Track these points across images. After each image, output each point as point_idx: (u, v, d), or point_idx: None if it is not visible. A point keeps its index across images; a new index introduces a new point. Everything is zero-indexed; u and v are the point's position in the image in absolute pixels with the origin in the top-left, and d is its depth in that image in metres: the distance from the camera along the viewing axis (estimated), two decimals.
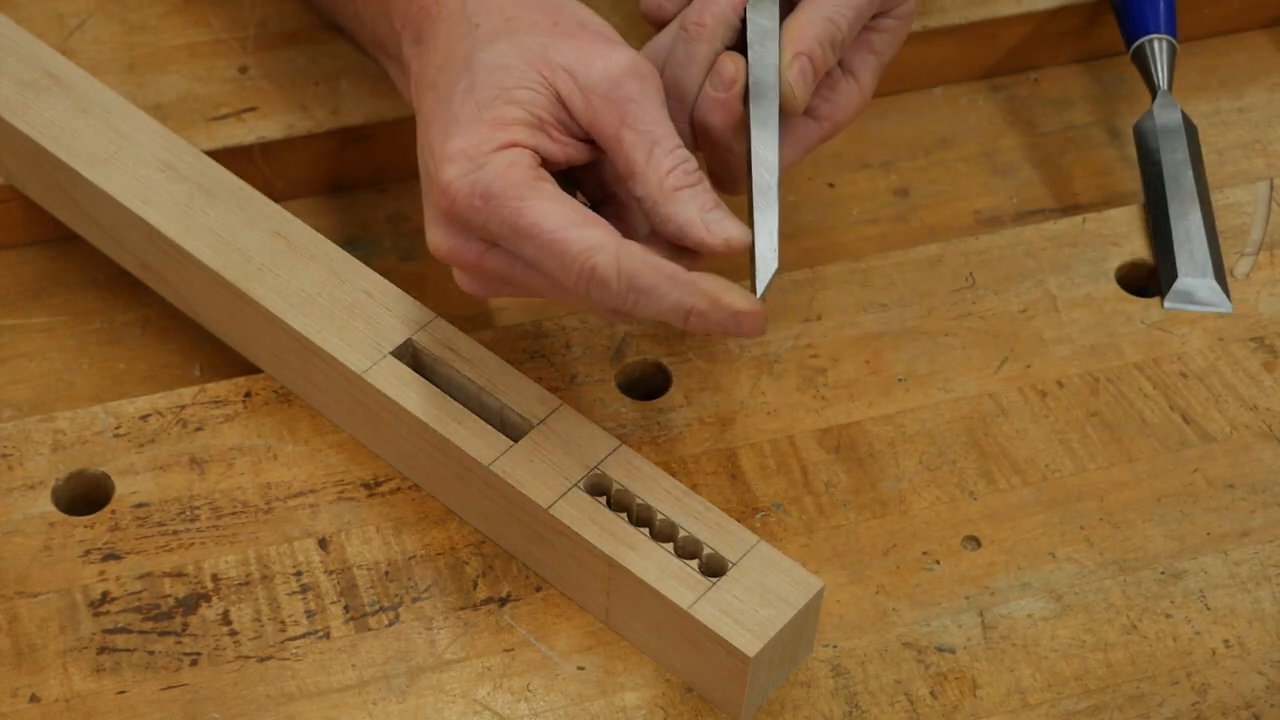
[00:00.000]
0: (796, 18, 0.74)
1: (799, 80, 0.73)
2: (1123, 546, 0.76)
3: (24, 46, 0.83)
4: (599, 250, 0.67)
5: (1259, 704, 0.71)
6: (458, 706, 0.70)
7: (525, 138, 0.69)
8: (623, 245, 0.67)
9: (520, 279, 0.70)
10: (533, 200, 0.67)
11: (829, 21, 0.73)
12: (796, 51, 0.73)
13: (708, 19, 0.74)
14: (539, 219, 0.67)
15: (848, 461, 0.78)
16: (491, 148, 0.68)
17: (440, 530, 0.75)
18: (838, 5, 0.74)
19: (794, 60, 0.73)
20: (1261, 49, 0.99)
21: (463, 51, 0.71)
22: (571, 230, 0.67)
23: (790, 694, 0.71)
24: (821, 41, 0.73)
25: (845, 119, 0.77)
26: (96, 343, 0.84)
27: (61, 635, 0.72)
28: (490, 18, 0.72)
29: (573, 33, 0.71)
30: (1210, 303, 0.84)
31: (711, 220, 0.69)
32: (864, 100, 0.77)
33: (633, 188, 0.70)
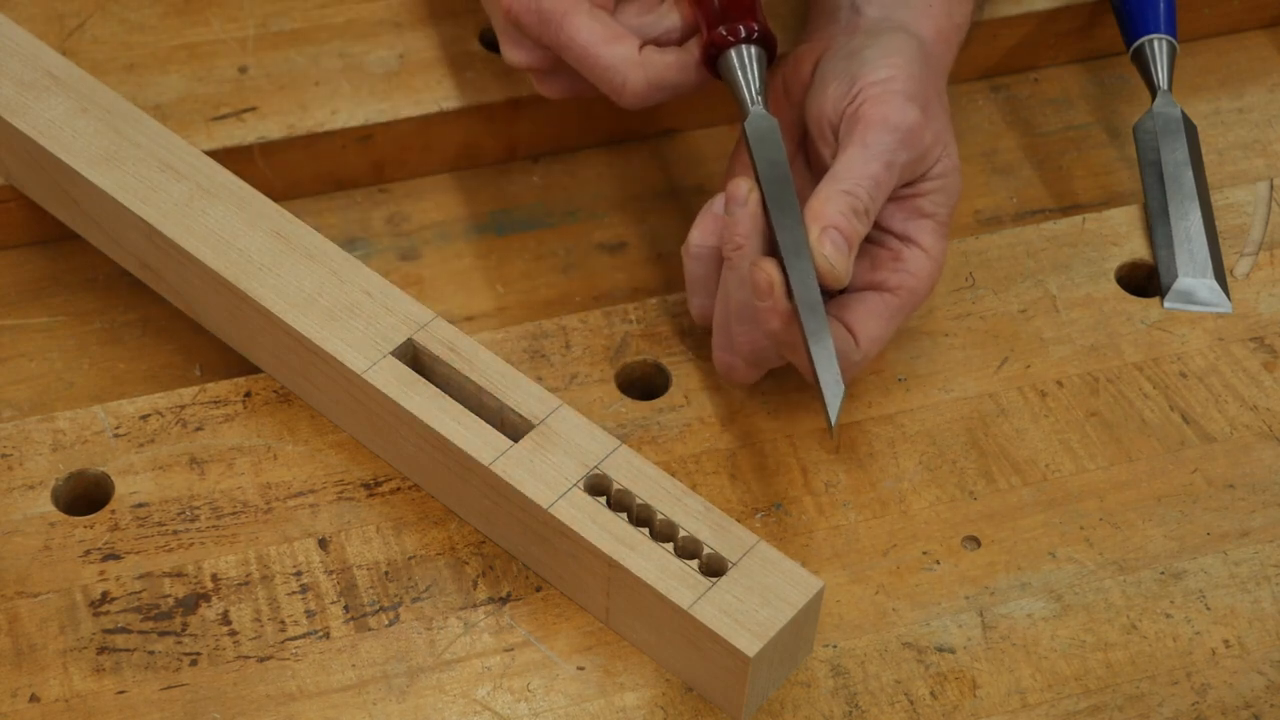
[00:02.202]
0: (815, 197, 0.73)
1: (833, 252, 0.72)
2: (1123, 546, 0.76)
3: (24, 46, 0.83)
4: (626, 64, 0.77)
5: (1259, 704, 0.71)
6: (458, 706, 0.70)
7: None
8: (645, 55, 0.77)
9: (582, 84, 0.81)
10: (571, 16, 0.77)
11: (846, 194, 0.73)
12: (823, 226, 0.72)
13: (739, 238, 0.74)
14: (574, 34, 0.78)
15: (848, 461, 0.78)
16: None
17: (440, 530, 0.75)
18: (853, 178, 0.73)
19: (823, 235, 0.72)
20: (1261, 49, 0.99)
21: None
22: (601, 46, 0.77)
23: (790, 694, 0.71)
24: (844, 212, 0.73)
25: (920, 285, 0.76)
26: (96, 343, 0.84)
27: (61, 635, 0.72)
28: None
29: None
30: (1210, 303, 0.84)
31: (614, 88, 0.78)
32: (934, 263, 0.77)
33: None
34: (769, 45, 0.77)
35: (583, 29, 0.77)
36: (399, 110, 0.89)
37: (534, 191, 0.92)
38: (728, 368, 0.77)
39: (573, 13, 0.77)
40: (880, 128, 0.74)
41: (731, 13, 0.77)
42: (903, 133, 0.74)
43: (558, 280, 0.88)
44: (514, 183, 0.92)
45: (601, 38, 0.77)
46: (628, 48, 0.77)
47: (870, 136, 0.74)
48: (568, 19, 0.77)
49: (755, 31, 0.77)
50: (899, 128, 0.74)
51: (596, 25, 0.77)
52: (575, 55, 0.78)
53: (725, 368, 0.77)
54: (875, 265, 0.76)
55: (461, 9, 0.94)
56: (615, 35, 0.77)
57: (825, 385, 0.71)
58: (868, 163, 0.74)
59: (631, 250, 0.89)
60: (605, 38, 0.77)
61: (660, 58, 0.78)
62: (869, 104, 0.75)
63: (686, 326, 0.81)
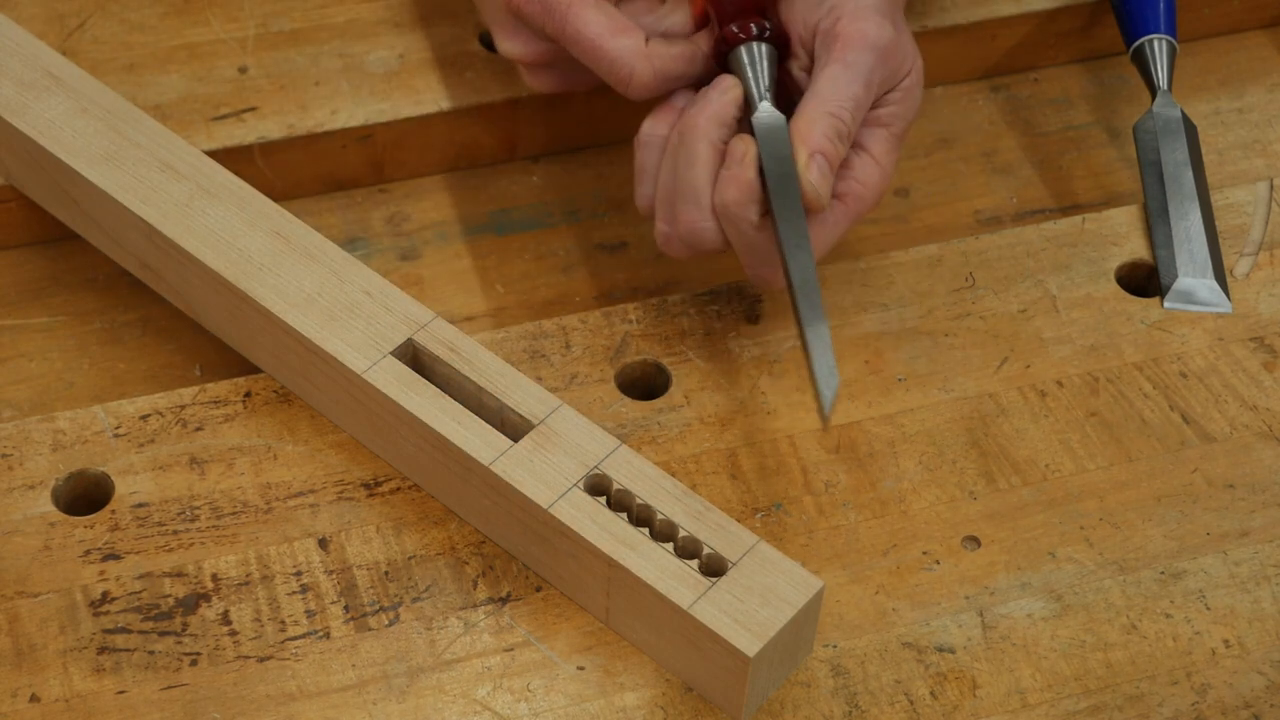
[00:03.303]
0: (801, 117, 0.74)
1: (819, 179, 0.73)
2: (1123, 546, 0.76)
3: (24, 46, 0.83)
4: (633, 56, 0.77)
5: (1259, 704, 0.71)
6: (458, 706, 0.70)
7: None
8: (652, 47, 0.77)
9: (581, 76, 0.81)
10: (577, 8, 0.77)
11: (832, 116, 0.74)
12: (810, 151, 0.73)
13: (700, 120, 0.75)
14: (581, 26, 0.77)
15: (848, 461, 0.78)
16: None
17: (440, 530, 0.75)
18: (838, 99, 0.74)
19: (810, 160, 0.73)
20: (1261, 49, 0.99)
21: None
22: (609, 39, 0.77)
23: (790, 694, 0.71)
24: (830, 136, 0.74)
25: (868, 194, 0.77)
26: (96, 343, 0.84)
27: (61, 635, 0.72)
28: None
29: None
30: (1210, 303, 0.84)
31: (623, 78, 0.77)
32: (883, 174, 0.77)
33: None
34: (780, 42, 0.78)
35: (590, 21, 0.77)
36: (399, 110, 0.89)
37: (534, 191, 0.92)
38: (665, 239, 0.78)
39: (578, 4, 0.77)
40: (860, 46, 0.75)
41: (744, 9, 0.77)
42: (880, 50, 0.75)
43: (558, 280, 0.88)
44: (514, 183, 0.92)
45: (608, 29, 0.77)
46: (634, 39, 0.77)
47: (850, 55, 0.75)
48: (573, 10, 0.77)
49: (767, 29, 0.77)
50: (876, 46, 0.75)
51: (602, 17, 0.77)
52: (582, 47, 0.77)
53: (662, 239, 0.78)
54: None
55: (461, 9, 0.94)
56: (621, 27, 0.77)
57: (819, 375, 0.71)
58: (850, 83, 0.74)
59: (631, 250, 0.89)
60: (612, 29, 0.77)
61: (667, 49, 0.78)
62: (846, 20, 0.75)
63: (686, 327, 0.81)
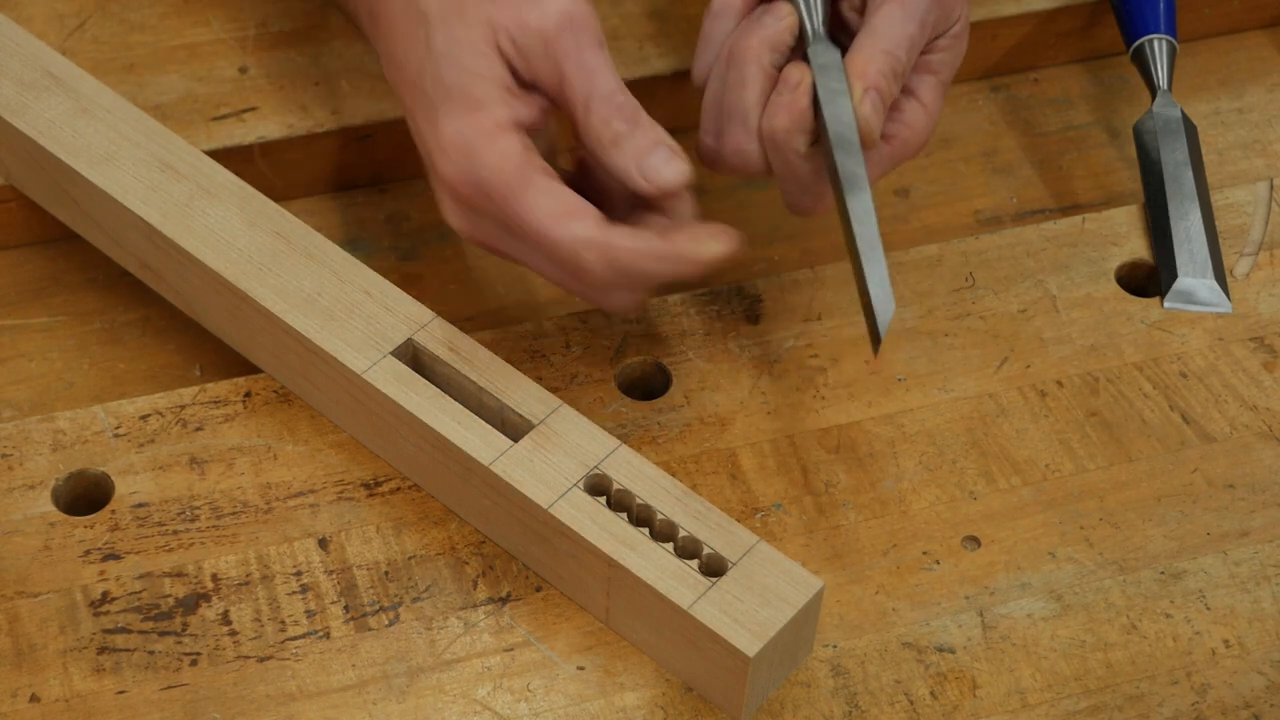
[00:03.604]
0: (857, 54, 0.74)
1: (872, 114, 0.74)
2: (1123, 546, 0.76)
3: (24, 46, 0.83)
4: (585, 246, 0.70)
5: (1259, 704, 0.71)
6: (458, 706, 0.70)
7: (503, 114, 0.71)
8: (608, 234, 0.70)
9: (532, 263, 0.73)
10: (521, 195, 0.70)
11: (888, 54, 0.74)
12: (865, 87, 0.73)
13: (754, 42, 0.75)
14: (527, 215, 0.70)
15: (848, 461, 0.78)
16: (479, 135, 0.71)
17: (440, 530, 0.75)
18: (894, 38, 0.74)
19: (864, 95, 0.73)
20: (1261, 49, 0.99)
21: (421, 38, 0.73)
22: (558, 228, 0.70)
23: (790, 694, 0.71)
24: (885, 74, 0.74)
25: (915, 139, 0.77)
26: (96, 343, 0.84)
27: (61, 635, 0.72)
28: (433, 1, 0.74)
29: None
30: (1210, 303, 0.84)
31: (648, 168, 0.71)
32: (930, 119, 0.77)
33: (583, 143, 0.72)
34: None
35: (532, 206, 0.70)
36: (399, 110, 0.89)
37: None
38: (707, 153, 0.77)
39: (519, 187, 0.70)
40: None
41: None
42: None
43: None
44: None
45: (552, 213, 0.70)
46: (583, 224, 0.70)
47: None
48: (515, 196, 0.70)
49: None
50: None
51: (546, 199, 0.70)
52: (527, 235, 0.71)
53: (705, 152, 0.77)
54: None
55: None
56: (569, 209, 0.70)
57: (876, 300, 0.70)
58: (906, 22, 0.74)
59: None
60: (557, 212, 0.70)
61: (627, 241, 0.70)
62: None
63: (686, 327, 0.81)
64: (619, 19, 0.93)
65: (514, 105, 0.72)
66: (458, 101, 0.71)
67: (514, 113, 0.72)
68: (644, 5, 0.94)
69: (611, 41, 0.92)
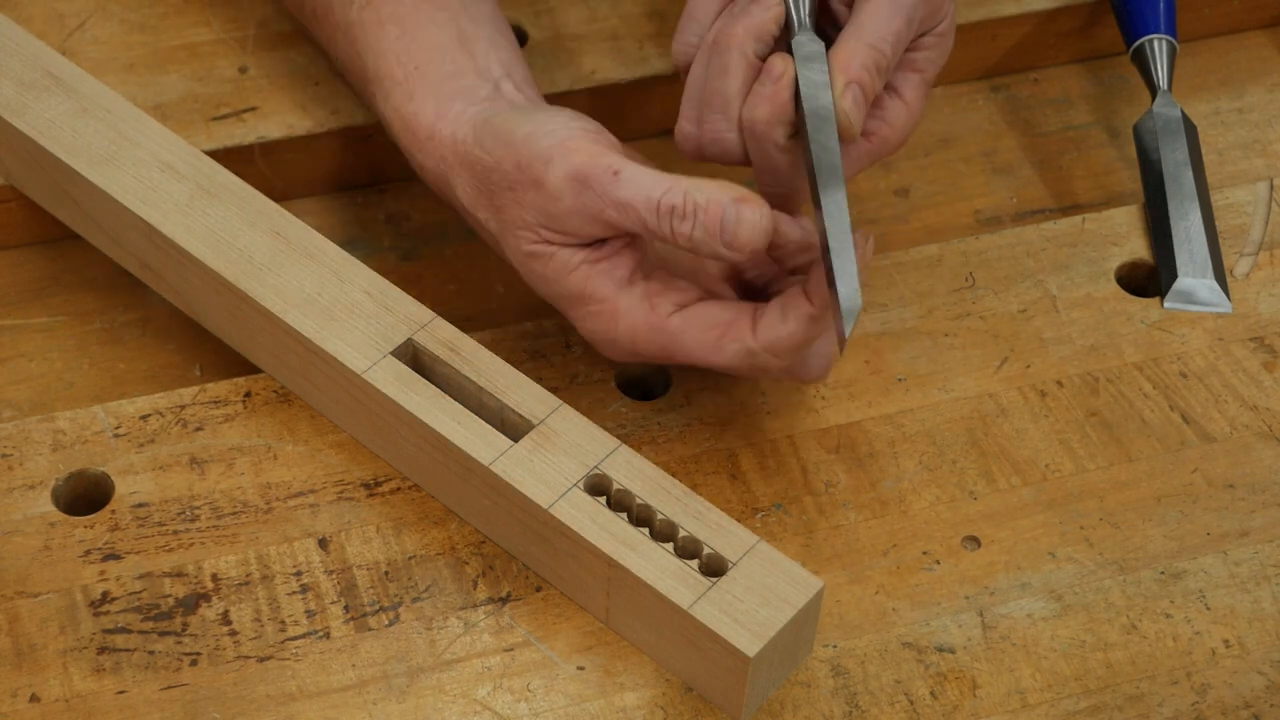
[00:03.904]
0: (841, 47, 0.74)
1: (853, 108, 0.73)
2: (1123, 546, 0.76)
3: (24, 46, 0.83)
4: (749, 356, 0.72)
5: (1259, 704, 0.71)
6: (458, 706, 0.70)
7: (607, 289, 0.73)
8: (764, 333, 0.72)
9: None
10: (671, 348, 0.73)
11: (872, 48, 0.74)
12: (847, 80, 0.73)
13: (738, 29, 0.74)
14: (687, 358, 0.73)
15: (848, 461, 0.78)
16: (607, 322, 0.73)
17: (440, 530, 0.75)
18: (879, 32, 0.74)
19: (846, 89, 0.73)
20: (1261, 49, 0.99)
21: (501, 249, 0.76)
22: (718, 356, 0.72)
23: (790, 694, 0.71)
24: (869, 68, 0.74)
25: (895, 136, 0.77)
26: (96, 343, 0.84)
27: (61, 635, 0.72)
28: (485, 215, 0.75)
29: (521, 187, 0.73)
30: (1210, 303, 0.84)
31: (729, 241, 0.70)
32: (912, 117, 0.77)
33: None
34: None
35: (687, 350, 0.73)
36: None
37: None
38: (685, 139, 0.77)
39: (665, 343, 0.73)
40: None
41: None
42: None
43: None
44: None
45: (705, 345, 0.73)
46: (736, 342, 0.72)
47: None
48: (667, 351, 0.73)
49: None
50: None
51: (692, 337, 0.73)
52: (699, 367, 0.74)
53: (683, 138, 0.77)
54: None
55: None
56: (717, 334, 0.72)
57: (844, 298, 0.69)
58: (892, 17, 0.74)
59: None
60: (710, 343, 0.73)
61: (782, 329, 0.72)
62: None
63: None
64: (619, 19, 0.93)
65: (608, 270, 0.73)
66: (566, 304, 0.74)
67: (612, 279, 0.73)
68: (644, 5, 0.94)
69: (611, 41, 0.92)
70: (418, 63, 0.78)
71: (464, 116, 0.76)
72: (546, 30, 0.93)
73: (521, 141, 0.72)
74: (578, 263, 0.73)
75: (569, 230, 0.72)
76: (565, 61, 0.91)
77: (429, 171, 0.78)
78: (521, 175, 0.72)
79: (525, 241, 0.73)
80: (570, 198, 0.71)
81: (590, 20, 0.93)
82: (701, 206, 0.70)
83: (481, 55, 0.78)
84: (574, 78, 0.90)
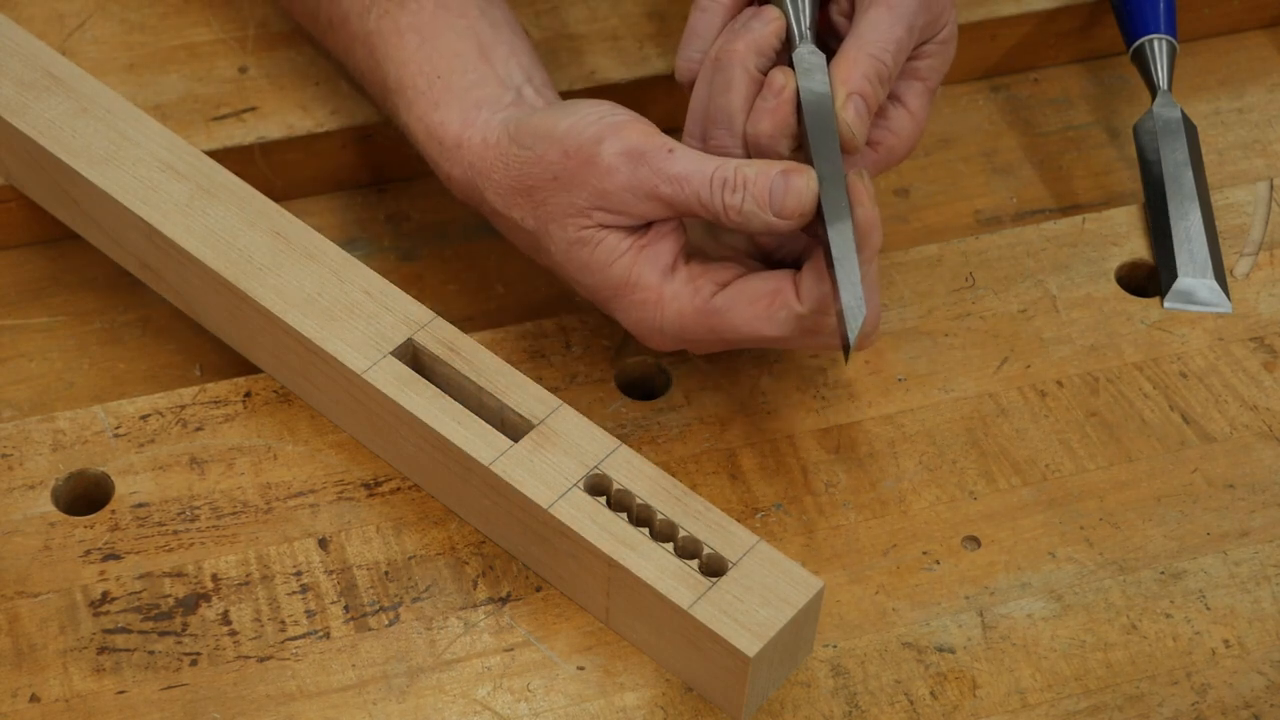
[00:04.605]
0: (843, 59, 0.74)
1: (855, 120, 0.73)
2: (1123, 546, 0.76)
3: (24, 46, 0.83)
4: (798, 322, 0.72)
5: (1259, 704, 0.71)
6: (458, 706, 0.70)
7: (652, 278, 0.74)
8: (809, 292, 0.72)
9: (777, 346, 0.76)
10: (720, 326, 0.73)
11: (874, 59, 0.74)
12: (849, 91, 0.73)
13: (739, 45, 0.75)
14: (737, 335, 0.73)
15: (848, 461, 0.78)
16: (653, 311, 0.74)
17: (440, 530, 0.75)
18: (880, 42, 0.74)
19: (848, 100, 0.73)
20: (1261, 49, 0.99)
21: (542, 248, 0.76)
22: (769, 329, 0.73)
23: (790, 694, 0.71)
24: (870, 78, 0.74)
25: (901, 145, 0.77)
26: (96, 343, 0.84)
27: (61, 635, 0.72)
28: (522, 214, 0.75)
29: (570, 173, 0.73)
30: (1210, 303, 0.84)
31: (778, 209, 0.71)
32: (917, 126, 0.78)
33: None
34: None
35: (735, 326, 0.73)
36: None
37: None
38: None
39: (714, 323, 0.73)
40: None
41: None
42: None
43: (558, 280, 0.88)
44: None
45: (753, 319, 0.73)
46: (784, 311, 0.73)
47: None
48: (716, 330, 0.73)
49: None
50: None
51: (739, 312, 0.73)
52: (751, 345, 0.75)
53: None
54: None
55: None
56: (764, 306, 0.73)
57: (848, 307, 0.70)
58: (892, 26, 0.74)
59: None
60: (757, 316, 0.73)
61: (820, 288, 0.72)
62: None
63: None
64: (619, 19, 0.93)
65: (652, 257, 0.73)
66: (610, 294, 0.74)
67: (657, 266, 0.73)
68: (644, 5, 0.94)
69: (611, 41, 0.92)
70: (440, 72, 0.78)
71: (492, 123, 0.76)
72: (547, 30, 0.93)
73: (565, 133, 0.73)
74: (625, 249, 0.73)
75: (620, 208, 0.72)
76: (565, 61, 0.91)
77: (456, 180, 0.78)
78: (569, 161, 0.72)
79: (573, 229, 0.73)
80: (625, 173, 0.71)
81: (590, 20, 0.93)
82: (751, 179, 0.71)
83: (502, 63, 0.79)
84: (574, 78, 0.90)
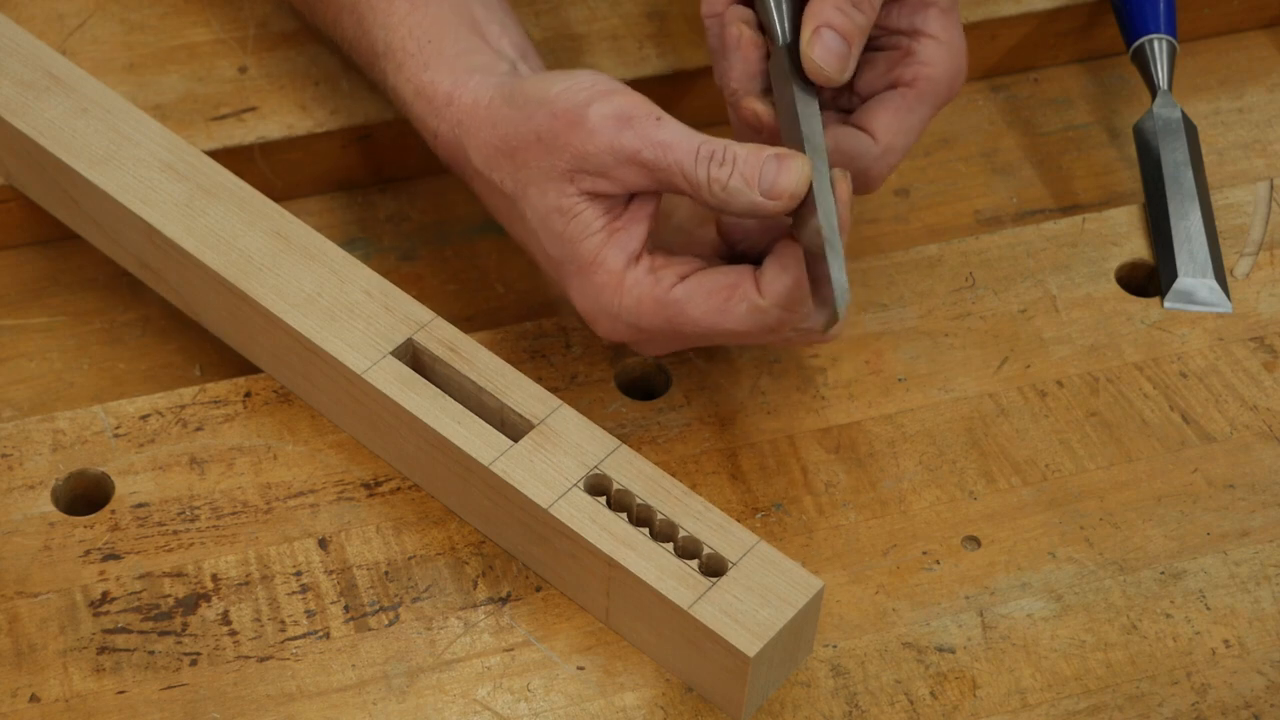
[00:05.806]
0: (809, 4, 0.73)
1: (823, 53, 0.72)
2: (1123, 546, 0.76)
3: (24, 46, 0.83)
4: (758, 314, 0.71)
5: (1259, 704, 0.71)
6: (458, 706, 0.70)
7: (617, 260, 0.72)
8: (768, 286, 0.71)
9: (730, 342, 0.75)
10: (676, 317, 0.72)
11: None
12: (815, 27, 0.72)
13: (730, 84, 0.75)
14: (692, 328, 0.72)
15: (848, 461, 0.78)
16: (609, 294, 0.72)
17: (440, 530, 0.75)
18: None
19: (814, 36, 0.72)
20: (1261, 49, 0.99)
21: (516, 215, 0.75)
22: (726, 320, 0.71)
23: (790, 694, 0.71)
24: (839, 6, 0.72)
25: (938, 73, 0.76)
26: (96, 343, 0.84)
27: (61, 635, 0.72)
28: (501, 176, 0.74)
29: (554, 134, 0.72)
30: (1210, 303, 0.84)
31: (767, 189, 0.70)
32: (949, 50, 0.76)
33: (705, 206, 0.72)
34: None
35: (691, 320, 0.72)
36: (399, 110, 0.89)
37: None
38: None
39: (669, 312, 0.72)
40: None
41: None
42: None
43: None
44: None
45: (710, 311, 0.72)
46: (740, 303, 0.71)
47: None
48: (671, 321, 0.72)
49: None
50: None
51: (696, 305, 0.72)
52: (705, 339, 0.74)
53: None
54: (889, 67, 0.76)
55: None
56: (722, 298, 0.71)
57: (837, 283, 0.68)
58: None
59: None
60: (714, 308, 0.72)
61: (786, 278, 0.71)
62: None
63: None
64: (619, 19, 0.93)
65: (622, 241, 0.72)
66: (573, 270, 0.73)
67: (624, 251, 0.72)
68: (644, 5, 0.94)
69: (611, 41, 0.92)
70: (431, 36, 0.78)
71: (485, 85, 0.76)
72: (547, 30, 0.93)
73: (556, 95, 0.72)
74: (598, 228, 0.72)
75: (599, 170, 0.71)
76: (565, 61, 0.91)
77: (442, 138, 0.77)
78: (555, 122, 0.72)
79: (553, 194, 0.72)
80: (608, 134, 0.71)
81: (590, 20, 0.93)
82: (741, 157, 0.70)
83: (495, 39, 0.79)
84: None
